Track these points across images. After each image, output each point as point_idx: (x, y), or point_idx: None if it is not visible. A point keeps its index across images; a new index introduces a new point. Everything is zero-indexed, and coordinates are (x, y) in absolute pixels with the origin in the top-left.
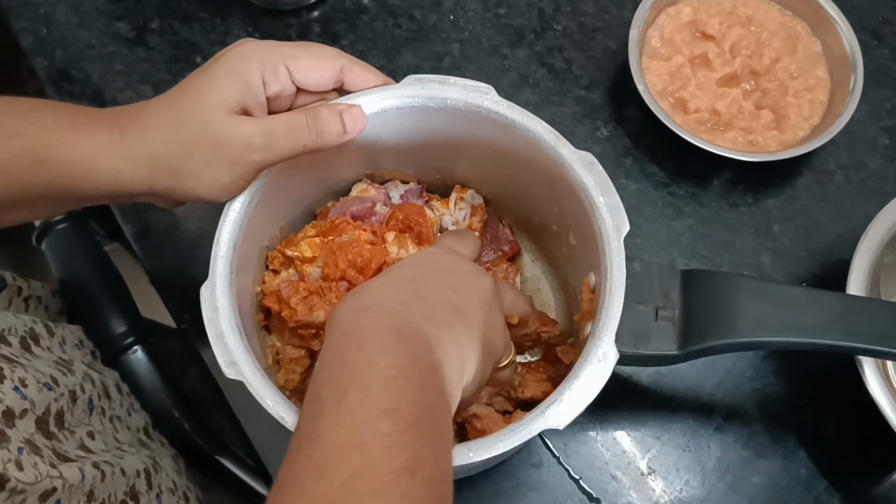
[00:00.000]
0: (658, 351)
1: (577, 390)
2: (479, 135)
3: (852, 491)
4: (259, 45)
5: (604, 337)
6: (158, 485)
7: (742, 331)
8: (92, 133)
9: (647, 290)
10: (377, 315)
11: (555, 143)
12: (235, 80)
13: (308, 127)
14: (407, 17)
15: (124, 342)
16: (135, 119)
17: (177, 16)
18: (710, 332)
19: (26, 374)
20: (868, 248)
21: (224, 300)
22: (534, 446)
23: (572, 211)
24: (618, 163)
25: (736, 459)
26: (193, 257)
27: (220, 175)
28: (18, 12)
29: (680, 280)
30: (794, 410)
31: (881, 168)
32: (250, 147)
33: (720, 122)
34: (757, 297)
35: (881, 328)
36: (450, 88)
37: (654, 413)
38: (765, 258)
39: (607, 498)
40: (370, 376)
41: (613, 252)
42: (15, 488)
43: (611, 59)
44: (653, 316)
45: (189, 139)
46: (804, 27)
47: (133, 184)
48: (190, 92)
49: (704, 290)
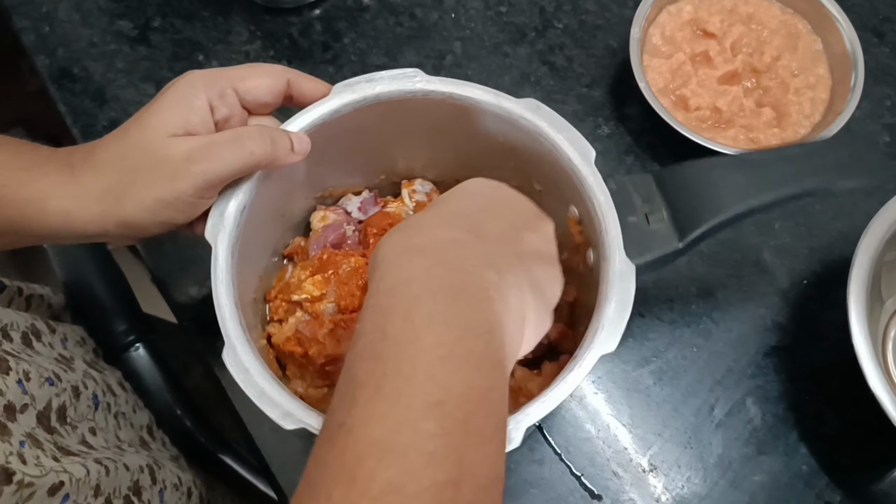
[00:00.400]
0: (663, 251)
1: (613, 312)
2: (415, 120)
3: (854, 487)
4: (206, 72)
5: (615, 257)
6: (163, 480)
7: (727, 204)
8: (44, 174)
9: (630, 203)
10: (430, 263)
11: (496, 100)
12: (180, 105)
13: (259, 134)
14: (408, 16)
15: (126, 340)
16: (86, 157)
17: (179, 14)
18: (701, 216)
19: (30, 367)
20: (869, 246)
21: (249, 358)
22: (535, 443)
23: (530, 159)
24: (619, 160)
25: (737, 456)
26: (195, 255)
27: (163, 193)
28: (21, 11)
29: (654, 183)
30: (796, 407)
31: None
32: (190, 159)
33: (721, 120)
34: (728, 171)
35: (840, 159)
36: (378, 84)
37: (655, 410)
38: (766, 255)
39: (609, 495)
40: (416, 358)
41: (590, 179)
42: (22, 481)
43: (612, 57)
44: (645, 223)
45: (132, 166)
46: (805, 25)
47: (85, 224)
48: (136, 122)
49: (680, 183)
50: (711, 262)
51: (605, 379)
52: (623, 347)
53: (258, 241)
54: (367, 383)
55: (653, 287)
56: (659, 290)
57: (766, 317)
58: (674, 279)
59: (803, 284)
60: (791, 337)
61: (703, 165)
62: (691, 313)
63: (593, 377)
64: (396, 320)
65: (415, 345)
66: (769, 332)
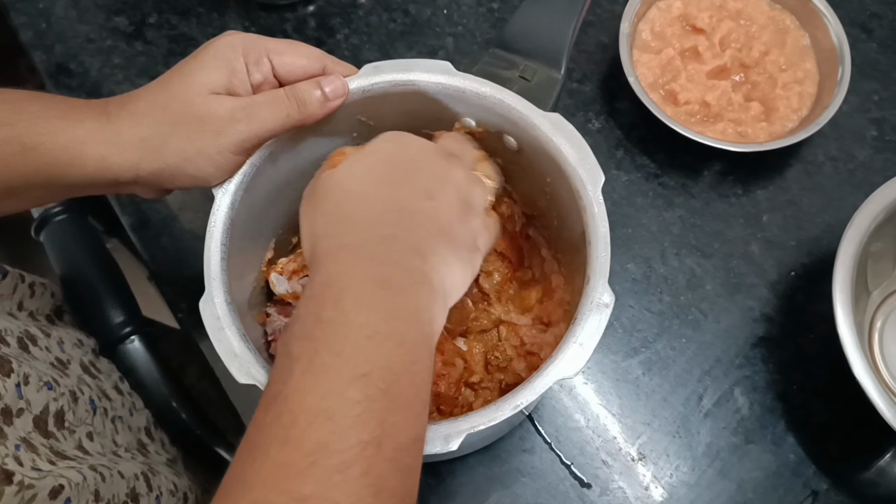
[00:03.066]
0: (555, 90)
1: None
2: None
3: (840, 475)
4: (246, 36)
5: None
6: (158, 487)
7: (561, 30)
8: (80, 121)
9: (502, 77)
10: (358, 259)
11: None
12: (222, 66)
13: (287, 97)
14: (401, 12)
15: (122, 332)
16: (122, 106)
17: (174, 10)
18: (554, 49)
19: (30, 371)
20: (853, 237)
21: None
22: (526, 433)
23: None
24: (609, 154)
25: (725, 445)
26: (192, 247)
27: (206, 146)
28: (18, 7)
29: (505, 52)
30: (783, 397)
31: (869, 159)
32: (233, 118)
33: (710, 114)
34: (540, 10)
35: None
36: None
37: (644, 400)
38: (754, 247)
39: (598, 483)
40: (344, 337)
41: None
42: (23, 482)
43: (602, 52)
44: (526, 82)
45: (174, 117)
46: (793, 20)
47: (120, 170)
48: (178, 75)
49: (521, 40)
50: (700, 254)
51: (594, 369)
52: (613, 338)
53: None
54: (301, 358)
55: (642, 278)
56: (648, 282)
57: (755, 308)
58: (663, 271)
59: (791, 276)
60: (779, 328)
61: (518, 18)
62: (680, 304)
63: (583, 368)
64: (328, 307)
65: (344, 326)
66: (757, 324)
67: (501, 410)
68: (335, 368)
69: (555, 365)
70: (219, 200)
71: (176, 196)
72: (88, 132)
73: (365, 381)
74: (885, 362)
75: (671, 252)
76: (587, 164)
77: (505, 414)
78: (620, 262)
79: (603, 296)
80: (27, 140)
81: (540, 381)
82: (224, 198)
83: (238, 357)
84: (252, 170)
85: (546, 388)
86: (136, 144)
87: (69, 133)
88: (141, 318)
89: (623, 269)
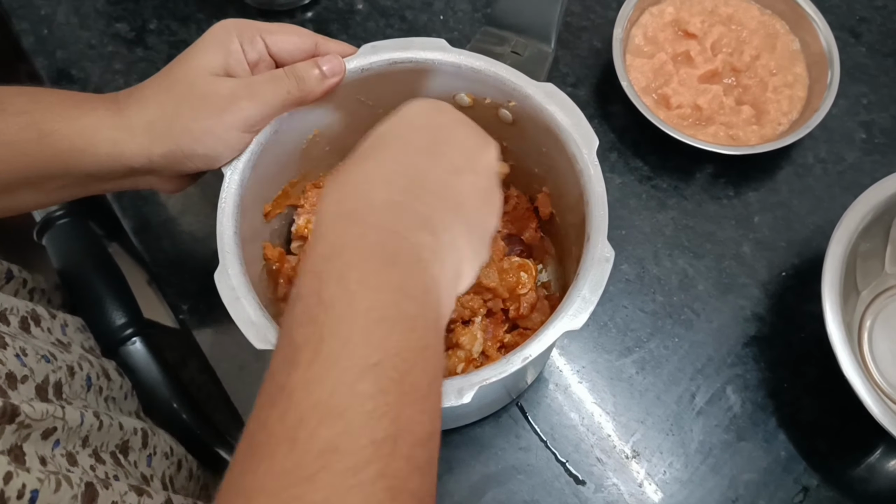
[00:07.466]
0: (547, 62)
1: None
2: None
3: (830, 471)
4: (239, 20)
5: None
6: (154, 446)
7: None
8: (92, 108)
9: (495, 53)
10: (364, 230)
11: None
12: (218, 47)
13: (286, 75)
14: (398, 18)
15: (123, 333)
16: (130, 94)
17: (174, 17)
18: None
19: (26, 345)
20: (843, 237)
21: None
22: (521, 431)
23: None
24: (603, 157)
25: (718, 442)
26: (192, 250)
27: (213, 125)
28: (20, 14)
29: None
30: (774, 395)
31: (858, 161)
32: (235, 96)
33: (702, 118)
34: None
35: None
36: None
37: (638, 398)
38: (745, 248)
39: (593, 480)
40: (351, 321)
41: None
42: (23, 422)
43: (596, 57)
44: (519, 56)
45: (178, 99)
46: (783, 25)
47: (133, 155)
48: (178, 63)
49: (511, 16)
50: (693, 255)
51: (589, 368)
52: (606, 338)
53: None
54: (306, 347)
55: (636, 279)
56: (642, 283)
57: (746, 308)
58: (656, 271)
59: (782, 276)
60: (770, 327)
61: None
62: (673, 304)
63: (577, 367)
64: (331, 285)
65: (350, 308)
66: (749, 323)
67: (511, 363)
68: (344, 359)
69: (560, 318)
70: (228, 177)
71: (176, 200)
72: (100, 118)
73: (376, 371)
74: (874, 360)
75: (664, 253)
76: (581, 130)
77: (515, 366)
78: (614, 262)
79: (604, 251)
80: (44, 126)
81: (547, 333)
82: (234, 175)
83: (255, 324)
84: (259, 148)
85: (554, 339)
86: (144, 128)
87: (83, 120)
88: (142, 319)
89: (617, 269)
